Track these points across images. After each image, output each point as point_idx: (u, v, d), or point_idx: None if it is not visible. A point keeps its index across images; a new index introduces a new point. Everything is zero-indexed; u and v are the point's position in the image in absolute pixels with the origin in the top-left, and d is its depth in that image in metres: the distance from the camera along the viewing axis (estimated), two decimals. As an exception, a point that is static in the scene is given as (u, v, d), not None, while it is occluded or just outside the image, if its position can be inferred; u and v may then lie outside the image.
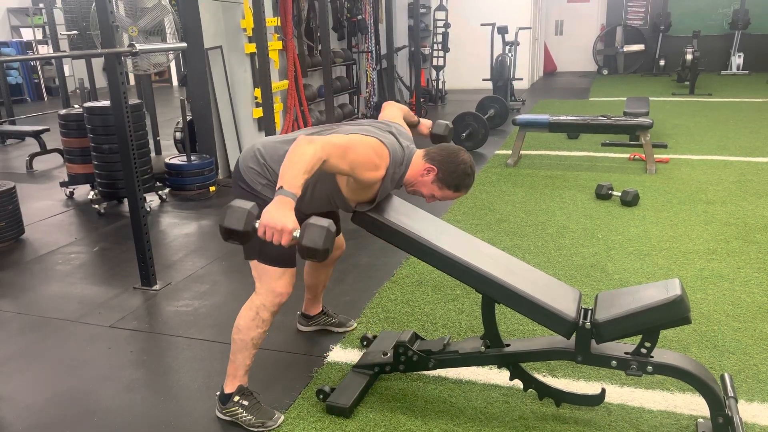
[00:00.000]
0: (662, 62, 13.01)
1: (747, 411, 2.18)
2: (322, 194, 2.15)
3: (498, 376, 2.43)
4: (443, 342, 2.31)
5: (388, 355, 2.37)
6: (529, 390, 2.22)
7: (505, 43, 8.84)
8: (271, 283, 2.12)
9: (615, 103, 8.92)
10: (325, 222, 1.69)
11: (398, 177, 2.15)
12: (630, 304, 1.96)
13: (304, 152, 1.80)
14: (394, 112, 2.49)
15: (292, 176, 1.77)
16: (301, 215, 2.20)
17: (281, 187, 1.75)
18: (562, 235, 3.99)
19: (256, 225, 1.70)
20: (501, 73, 8.53)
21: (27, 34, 12.47)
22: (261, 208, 2.09)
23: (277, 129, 5.51)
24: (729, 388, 2.03)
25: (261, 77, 4.75)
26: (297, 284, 2.22)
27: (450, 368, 2.42)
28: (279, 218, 1.70)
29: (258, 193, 2.11)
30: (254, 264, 2.16)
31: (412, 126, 2.56)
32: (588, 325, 2.00)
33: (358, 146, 2.00)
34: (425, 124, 2.64)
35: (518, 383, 2.23)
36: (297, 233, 1.69)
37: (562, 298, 2.10)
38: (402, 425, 2.17)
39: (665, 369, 1.97)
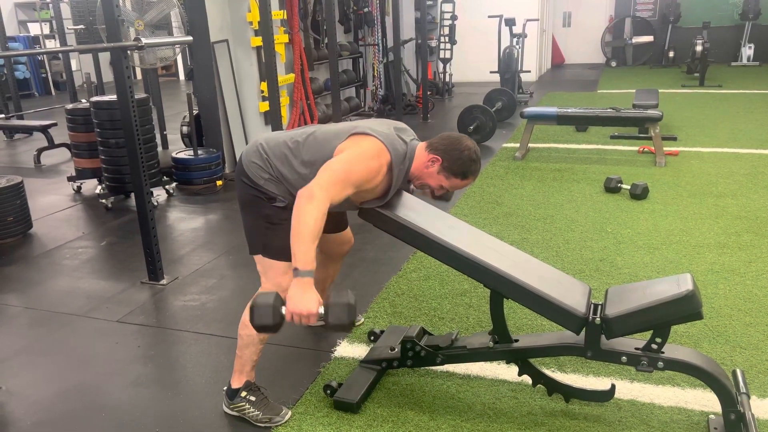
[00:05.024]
0: (671, 54, 12.89)
1: (759, 407, 2.15)
2: None
3: (506, 372, 2.41)
4: (451, 337, 2.30)
5: (396, 350, 2.35)
6: (538, 386, 2.21)
7: (512, 36, 8.78)
8: (277, 278, 2.11)
9: (624, 96, 8.85)
10: (345, 298, 1.74)
11: (405, 173, 2.13)
12: (641, 300, 1.94)
13: (307, 220, 1.80)
14: None
15: (303, 253, 1.79)
16: None
17: (296, 269, 1.78)
18: (570, 228, 3.96)
19: (283, 312, 1.77)
20: (508, 65, 8.48)
21: (34, 29, 12.51)
22: (263, 204, 2.09)
23: (284, 123, 5.50)
24: (741, 383, 2.00)
25: (267, 71, 4.73)
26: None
27: (458, 364, 2.40)
28: (304, 304, 1.75)
29: (260, 187, 2.09)
30: (259, 258, 2.15)
31: None
32: (598, 320, 1.97)
33: (354, 165, 1.96)
34: None
35: (527, 379, 2.22)
36: (322, 309, 1.76)
37: (571, 293, 2.08)
38: (410, 421, 2.16)
39: (676, 365, 1.95)
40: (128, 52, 3.13)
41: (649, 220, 4.05)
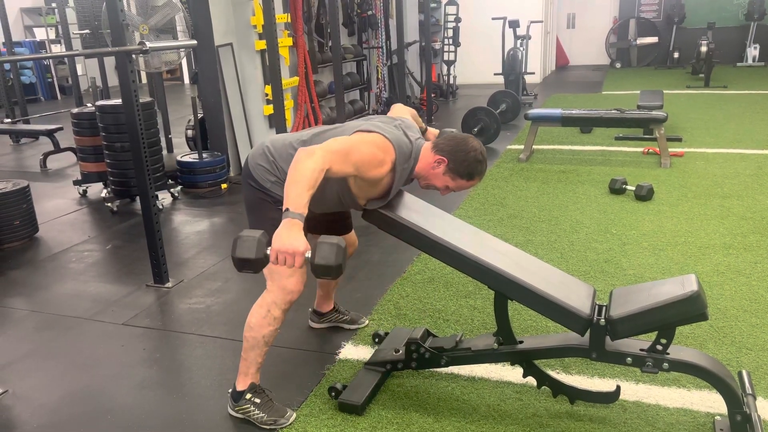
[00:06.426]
0: (676, 55, 12.85)
1: (766, 408, 2.14)
2: (332, 194, 2.14)
3: (511, 374, 2.41)
4: (455, 339, 2.30)
5: (400, 352, 2.35)
6: (543, 387, 2.20)
7: (516, 37, 8.77)
8: (282, 281, 2.11)
9: (628, 97, 8.83)
10: (335, 239, 1.70)
11: (408, 172, 2.13)
12: (645, 301, 1.93)
13: (305, 168, 1.78)
14: (401, 111, 2.46)
15: (296, 195, 1.76)
16: (312, 215, 2.19)
17: (287, 209, 1.75)
18: (575, 230, 3.95)
19: (268, 251, 1.71)
20: (513, 67, 8.47)
21: (40, 34, 12.57)
22: (269, 207, 2.10)
23: (288, 126, 5.51)
24: (747, 385, 1.99)
25: (271, 74, 4.74)
26: (309, 281, 2.21)
27: (462, 365, 2.40)
28: (290, 242, 1.70)
29: (267, 190, 2.10)
30: (264, 261, 2.15)
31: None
32: (603, 321, 1.97)
33: (360, 145, 1.97)
34: (432, 132, 2.56)
35: (532, 380, 2.21)
36: (309, 254, 1.71)
37: (575, 295, 2.08)
38: (414, 423, 2.16)
39: (682, 366, 1.94)
40: (133, 56, 3.13)
41: (654, 221, 4.04)
